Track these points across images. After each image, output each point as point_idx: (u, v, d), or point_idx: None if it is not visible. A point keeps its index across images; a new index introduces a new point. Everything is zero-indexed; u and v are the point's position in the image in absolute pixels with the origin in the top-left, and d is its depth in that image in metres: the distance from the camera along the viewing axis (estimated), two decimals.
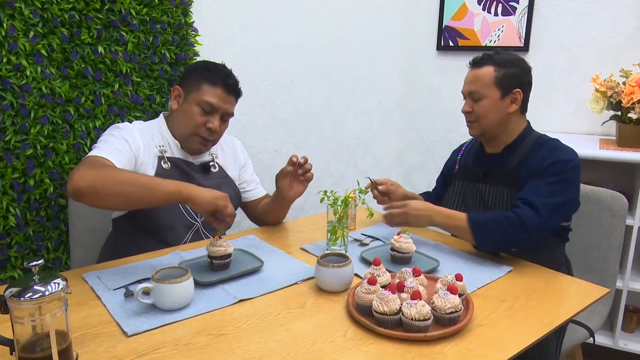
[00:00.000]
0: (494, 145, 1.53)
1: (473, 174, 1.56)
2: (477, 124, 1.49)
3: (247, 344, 0.94)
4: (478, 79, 1.46)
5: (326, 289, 1.16)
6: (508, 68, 1.44)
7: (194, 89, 1.45)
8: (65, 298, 0.82)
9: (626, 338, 2.15)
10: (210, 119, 1.45)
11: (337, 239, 1.39)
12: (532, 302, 1.13)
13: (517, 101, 1.46)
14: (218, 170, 1.58)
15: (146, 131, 1.46)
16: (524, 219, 1.30)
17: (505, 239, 1.33)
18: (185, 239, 1.48)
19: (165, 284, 1.03)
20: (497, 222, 1.33)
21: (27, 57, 1.53)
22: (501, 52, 1.48)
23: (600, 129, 2.30)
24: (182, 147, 1.50)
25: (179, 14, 1.85)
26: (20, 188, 1.57)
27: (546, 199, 1.32)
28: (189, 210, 1.48)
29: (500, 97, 1.45)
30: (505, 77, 1.44)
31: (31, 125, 1.56)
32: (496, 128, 1.48)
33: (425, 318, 0.96)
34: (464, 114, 1.52)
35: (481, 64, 1.47)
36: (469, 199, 1.56)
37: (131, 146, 1.37)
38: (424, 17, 2.77)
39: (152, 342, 0.93)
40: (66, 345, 0.83)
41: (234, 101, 1.51)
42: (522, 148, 1.46)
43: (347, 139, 2.76)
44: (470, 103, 1.49)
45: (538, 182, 1.36)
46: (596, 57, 2.32)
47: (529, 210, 1.31)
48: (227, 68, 1.51)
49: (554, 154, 1.39)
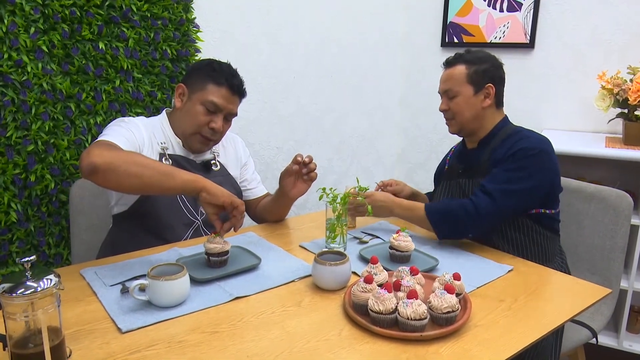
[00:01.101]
0: (472, 140, 1.59)
1: (456, 171, 1.62)
2: (454, 121, 1.55)
3: (240, 342, 0.93)
4: (451, 77, 1.52)
5: (323, 287, 1.15)
6: (478, 65, 1.50)
7: (199, 88, 1.44)
8: (58, 294, 0.82)
9: (631, 339, 2.12)
10: (214, 118, 1.44)
11: (336, 237, 1.38)
12: (531, 302, 1.12)
13: (490, 96, 1.51)
14: (219, 169, 1.57)
15: (149, 127, 1.45)
16: (477, 205, 1.38)
17: (461, 226, 1.41)
18: (185, 237, 1.47)
19: (161, 280, 1.03)
20: (452, 210, 1.41)
21: (28, 53, 1.53)
22: (472, 50, 1.55)
23: (606, 127, 2.27)
24: (184, 145, 1.50)
25: (180, 10, 1.84)
26: (22, 184, 1.58)
27: (500, 185, 1.39)
28: (190, 208, 1.47)
29: (473, 93, 1.50)
30: (476, 74, 1.49)
31: (32, 121, 1.57)
32: (472, 123, 1.53)
33: (421, 317, 0.95)
34: (442, 112, 1.58)
35: (453, 63, 1.53)
36: (453, 196, 1.59)
37: (137, 138, 1.38)
38: (428, 13, 2.74)
39: (146, 339, 0.93)
40: (59, 341, 0.83)
41: (238, 101, 1.51)
42: (496, 140, 1.51)
43: (349, 137, 2.75)
44: (446, 101, 1.55)
45: (498, 170, 1.43)
46: (603, 54, 2.29)
47: (483, 196, 1.39)
48: (232, 68, 1.51)
49: (518, 143, 1.43)
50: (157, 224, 1.42)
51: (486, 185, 1.40)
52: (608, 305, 1.73)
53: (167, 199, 1.42)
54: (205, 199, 1.20)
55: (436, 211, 1.44)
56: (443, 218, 1.42)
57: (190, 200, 1.47)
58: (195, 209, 1.49)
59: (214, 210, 1.23)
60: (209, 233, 1.51)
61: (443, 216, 1.42)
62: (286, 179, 1.52)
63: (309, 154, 1.51)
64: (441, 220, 1.43)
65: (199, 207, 1.49)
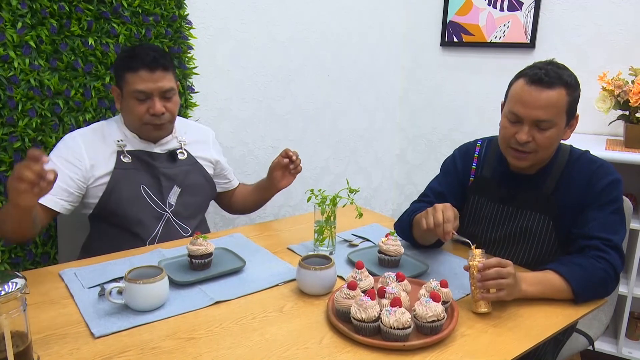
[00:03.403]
0: (530, 167, 1.31)
1: (494, 193, 1.36)
2: (532, 155, 1.24)
3: (216, 349, 0.90)
4: (551, 104, 1.19)
5: (307, 292, 1.12)
6: (576, 90, 1.22)
7: (124, 83, 1.41)
8: (24, 298, 0.79)
9: (630, 346, 2.08)
10: (150, 104, 1.40)
11: (324, 240, 1.34)
12: (522, 311, 1.08)
13: (572, 127, 1.28)
14: (186, 157, 1.54)
15: (97, 133, 1.45)
16: (616, 266, 1.17)
17: (602, 291, 1.18)
18: (157, 230, 1.45)
19: (138, 284, 1.00)
20: (593, 277, 1.15)
21: (15, 49, 1.50)
22: (560, 65, 1.24)
23: (607, 129, 2.22)
24: (143, 138, 1.47)
25: (172, 6, 1.81)
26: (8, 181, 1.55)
27: (620, 233, 1.22)
28: (157, 201, 1.46)
29: (565, 125, 1.24)
30: (575, 102, 1.23)
31: (19, 118, 1.54)
32: (548, 158, 1.29)
33: (404, 326, 0.91)
34: (516, 142, 1.23)
35: (552, 84, 1.19)
36: (491, 222, 1.37)
37: (74, 163, 1.38)
38: (427, 11, 2.70)
39: (119, 345, 0.90)
40: (25, 347, 0.80)
41: (165, 74, 1.41)
42: (557, 168, 1.29)
43: (347, 136, 2.71)
44: (531, 131, 1.21)
45: (601, 213, 1.22)
46: (604, 55, 2.24)
47: (614, 254, 1.18)
48: (143, 46, 1.45)
49: (599, 174, 1.25)
50: (125, 220, 1.41)
51: (612, 239, 1.19)
52: (606, 312, 1.68)
53: (130, 194, 1.42)
54: (13, 186, 1.06)
55: (581, 279, 1.14)
56: (587, 285, 1.14)
57: (157, 193, 1.46)
58: (162, 201, 1.47)
59: (20, 190, 1.05)
60: (183, 225, 1.50)
61: (587, 284, 1.14)
62: (276, 172, 1.57)
63: (307, 153, 1.50)
64: (586, 289, 1.14)
65: (166, 200, 1.47)
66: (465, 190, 1.43)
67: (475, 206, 1.40)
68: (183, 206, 1.50)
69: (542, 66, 1.22)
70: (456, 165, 1.45)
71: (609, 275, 1.17)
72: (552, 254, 1.32)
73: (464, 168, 1.44)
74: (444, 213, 1.15)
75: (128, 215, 1.41)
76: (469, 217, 1.42)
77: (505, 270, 1.04)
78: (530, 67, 1.25)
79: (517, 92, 1.23)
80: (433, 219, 1.15)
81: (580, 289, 1.13)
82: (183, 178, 1.51)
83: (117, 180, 1.41)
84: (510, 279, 1.05)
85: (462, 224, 1.42)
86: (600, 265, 1.17)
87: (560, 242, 1.31)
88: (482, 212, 1.39)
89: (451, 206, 1.18)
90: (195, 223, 1.55)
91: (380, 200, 3.00)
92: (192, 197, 1.53)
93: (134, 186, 1.43)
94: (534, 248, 1.33)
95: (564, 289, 1.13)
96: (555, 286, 1.14)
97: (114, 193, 1.40)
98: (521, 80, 1.23)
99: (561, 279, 1.14)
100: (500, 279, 1.04)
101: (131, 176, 1.43)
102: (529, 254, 1.34)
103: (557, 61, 1.26)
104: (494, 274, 1.04)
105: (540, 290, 1.13)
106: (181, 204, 1.50)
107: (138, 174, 1.44)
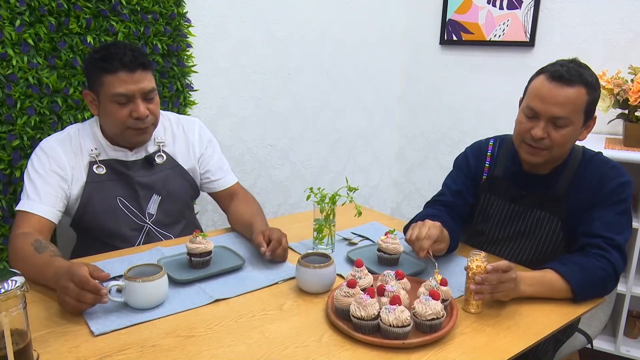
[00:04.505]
0: (539, 166, 1.31)
1: (505, 191, 1.36)
2: (546, 152, 1.24)
3: (216, 347, 0.90)
4: (570, 101, 1.18)
5: (306, 290, 1.12)
6: (597, 91, 1.22)
7: (99, 86, 1.29)
8: (23, 296, 0.79)
9: (629, 344, 2.08)
10: (132, 107, 1.29)
11: (324, 238, 1.34)
12: (521, 309, 1.08)
13: (589, 128, 1.27)
14: (165, 161, 1.43)
15: (74, 140, 1.36)
16: (617, 266, 1.17)
17: (601, 290, 1.18)
18: (138, 242, 1.40)
19: (137, 282, 1.00)
20: (592, 276, 1.15)
21: (14, 47, 1.50)
22: (582, 64, 1.24)
23: (606, 128, 2.22)
24: (120, 145, 1.38)
25: (171, 4, 1.81)
26: (6, 180, 1.55)
27: (625, 234, 1.22)
28: (135, 212, 1.39)
29: (582, 124, 1.24)
30: (594, 103, 1.22)
31: (17, 116, 1.54)
32: (562, 157, 1.29)
33: (404, 324, 0.91)
34: (531, 137, 1.23)
35: (572, 82, 1.18)
36: (500, 220, 1.38)
37: (59, 173, 1.32)
38: (427, 10, 2.70)
39: (118, 343, 0.90)
40: (24, 345, 0.80)
41: (145, 74, 1.31)
42: (569, 169, 1.29)
43: (346, 135, 2.71)
44: (546, 127, 1.21)
45: (607, 213, 1.22)
46: (604, 53, 2.24)
47: (616, 253, 1.18)
48: (117, 44, 1.32)
49: (610, 174, 1.25)
50: (104, 234, 1.36)
51: (615, 239, 1.19)
52: (604, 310, 1.69)
53: (106, 208, 1.35)
54: (66, 301, 0.98)
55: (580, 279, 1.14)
56: (586, 285, 1.15)
57: (134, 204, 1.39)
58: (141, 212, 1.40)
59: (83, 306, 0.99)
60: (166, 233, 1.45)
61: (586, 283, 1.14)
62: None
63: (306, 151, 1.44)
64: (585, 288, 1.14)
65: (145, 210, 1.41)
66: (477, 187, 1.43)
67: (486, 204, 1.40)
68: (164, 214, 1.43)
69: (564, 63, 1.23)
70: (469, 163, 1.45)
71: (609, 274, 1.16)
72: (557, 252, 1.33)
73: (477, 166, 1.43)
74: (429, 229, 1.16)
75: (106, 229, 1.36)
76: (479, 214, 1.42)
77: (506, 275, 1.05)
78: (552, 64, 1.25)
79: (537, 88, 1.23)
80: (417, 232, 1.17)
81: (579, 288, 1.13)
82: (162, 185, 1.42)
83: (91, 194, 1.34)
84: (510, 284, 1.06)
85: (471, 221, 1.44)
86: (600, 264, 1.17)
87: (567, 242, 1.31)
88: (491, 210, 1.39)
89: (441, 226, 1.20)
90: (180, 227, 1.49)
91: (379, 199, 3.01)
92: (173, 204, 1.45)
93: (108, 199, 1.36)
94: (541, 246, 1.34)
95: (563, 289, 1.13)
96: (554, 286, 1.14)
97: (88, 206, 1.34)
98: (542, 76, 1.23)
99: (560, 278, 1.14)
100: (500, 284, 1.05)
101: (105, 189, 1.36)
102: (535, 252, 1.35)
103: (579, 60, 1.26)
104: (495, 280, 1.04)
105: (539, 290, 1.13)
106: (162, 212, 1.43)
107: (113, 186, 1.37)
